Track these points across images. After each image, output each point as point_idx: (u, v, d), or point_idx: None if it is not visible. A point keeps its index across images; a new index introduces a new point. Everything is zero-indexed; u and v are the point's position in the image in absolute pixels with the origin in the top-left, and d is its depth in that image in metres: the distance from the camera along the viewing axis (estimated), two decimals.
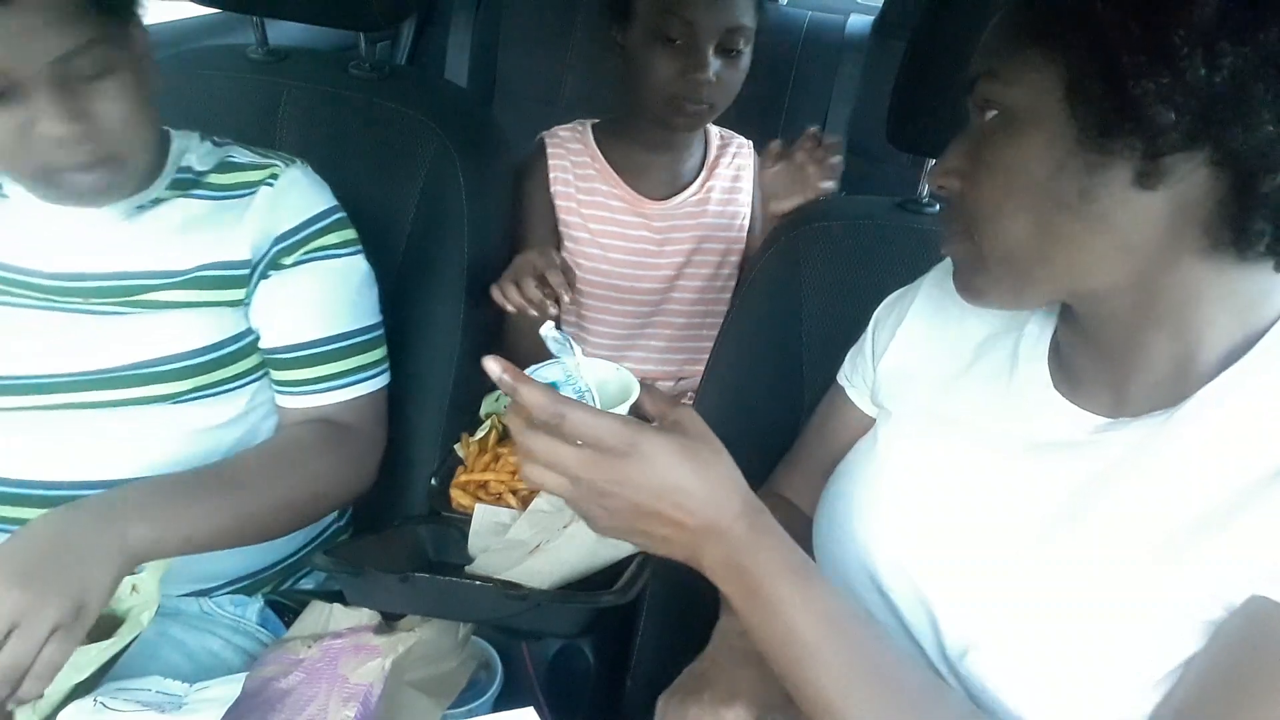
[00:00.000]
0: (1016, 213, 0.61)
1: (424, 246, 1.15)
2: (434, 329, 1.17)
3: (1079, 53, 0.56)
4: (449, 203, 1.18)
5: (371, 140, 1.19)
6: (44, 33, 0.79)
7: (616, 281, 1.40)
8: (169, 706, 0.74)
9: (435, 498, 1.12)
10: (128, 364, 0.92)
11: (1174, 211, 0.57)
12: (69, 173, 0.86)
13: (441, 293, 1.18)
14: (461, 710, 0.83)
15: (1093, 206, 0.58)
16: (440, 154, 1.18)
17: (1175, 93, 0.52)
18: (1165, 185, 0.55)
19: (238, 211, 0.98)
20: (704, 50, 1.23)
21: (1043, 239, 0.61)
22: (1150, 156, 0.55)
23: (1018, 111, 0.60)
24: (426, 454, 1.17)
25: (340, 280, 1.04)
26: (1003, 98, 0.61)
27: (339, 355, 1.03)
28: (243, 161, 1.02)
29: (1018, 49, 0.60)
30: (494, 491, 1.12)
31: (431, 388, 1.17)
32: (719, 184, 1.44)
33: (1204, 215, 0.56)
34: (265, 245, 0.99)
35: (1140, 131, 0.54)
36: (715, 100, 1.29)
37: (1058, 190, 0.58)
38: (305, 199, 1.02)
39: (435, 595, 0.85)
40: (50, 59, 0.80)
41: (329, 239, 1.03)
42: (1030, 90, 0.59)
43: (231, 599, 1.00)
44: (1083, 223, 0.59)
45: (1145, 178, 0.55)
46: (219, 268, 0.97)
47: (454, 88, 1.55)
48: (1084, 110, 0.56)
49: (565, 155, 1.39)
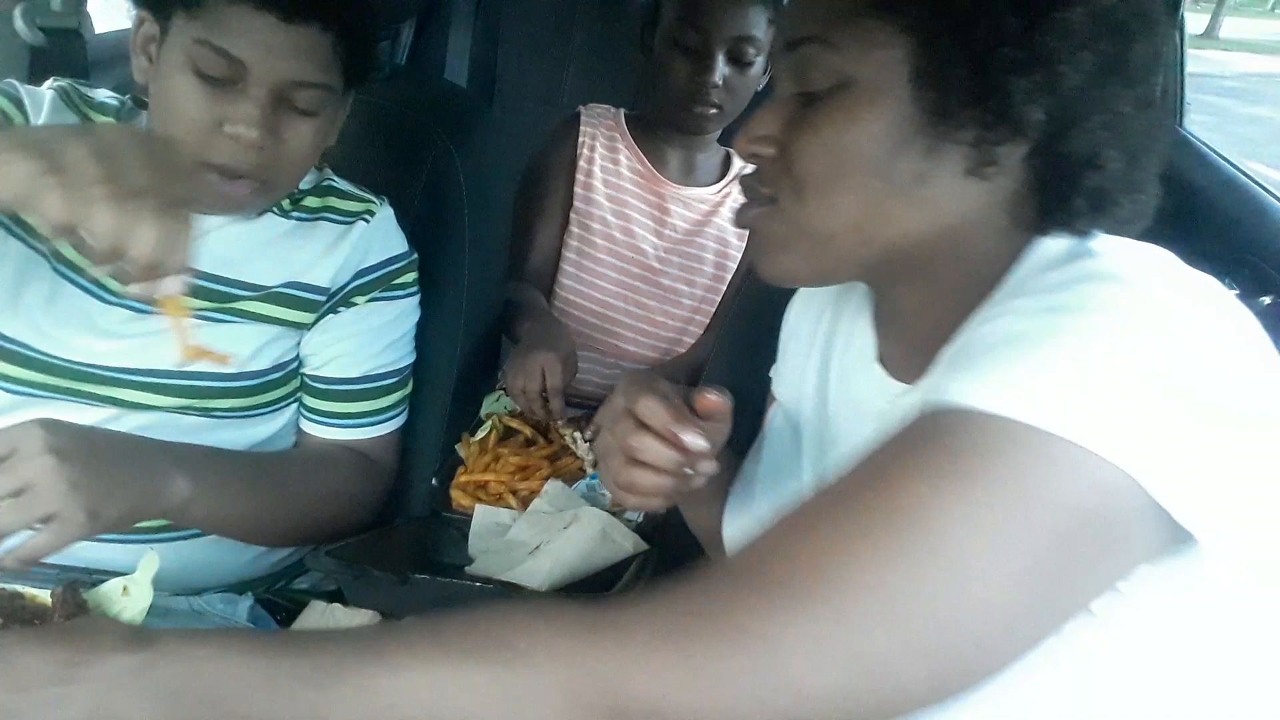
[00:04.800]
0: (846, 192, 0.58)
1: (424, 246, 1.15)
2: (434, 330, 1.16)
3: (938, 36, 0.54)
4: (449, 203, 1.18)
5: (372, 140, 1.19)
6: (299, 58, 0.86)
7: (619, 237, 1.49)
8: None
9: (435, 498, 1.12)
10: (182, 370, 0.93)
11: (993, 196, 0.58)
12: (223, 173, 0.88)
13: (442, 293, 1.18)
14: None
15: (925, 191, 0.57)
16: (440, 154, 1.18)
17: (1045, 92, 0.53)
18: (994, 174, 0.56)
19: (330, 239, 1.01)
20: (713, 56, 1.33)
21: (870, 220, 0.59)
22: (991, 144, 0.55)
23: (857, 85, 0.57)
24: (426, 454, 1.17)
25: (399, 320, 1.06)
26: (841, 68, 0.57)
27: (377, 394, 1.05)
28: (342, 189, 1.05)
29: (855, 17, 0.57)
30: (494, 492, 1.12)
31: (432, 388, 1.16)
32: (735, 194, 1.52)
33: (1019, 199, 0.58)
34: (346, 278, 1.01)
35: (995, 123, 0.54)
36: (724, 104, 1.39)
37: (893, 172, 0.57)
38: (391, 240, 1.06)
39: (435, 595, 0.85)
40: (287, 79, 0.86)
41: (401, 279, 1.05)
42: (873, 65, 0.56)
43: (222, 597, 1.00)
44: (914, 208, 0.58)
45: (980, 166, 0.56)
46: (301, 289, 0.99)
47: (454, 88, 1.56)
48: (933, 94, 0.55)
49: (597, 126, 1.51)
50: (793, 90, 0.61)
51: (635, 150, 1.49)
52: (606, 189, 1.48)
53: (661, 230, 1.49)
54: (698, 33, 1.33)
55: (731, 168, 1.54)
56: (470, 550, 0.98)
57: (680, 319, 1.50)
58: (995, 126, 0.54)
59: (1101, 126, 0.55)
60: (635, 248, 1.48)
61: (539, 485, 1.11)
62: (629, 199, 1.48)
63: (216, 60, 0.84)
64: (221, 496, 0.89)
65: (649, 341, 1.51)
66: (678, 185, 1.49)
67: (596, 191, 1.48)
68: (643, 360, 1.51)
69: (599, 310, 1.49)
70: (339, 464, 1.03)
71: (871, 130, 0.57)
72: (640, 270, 1.49)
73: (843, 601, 0.45)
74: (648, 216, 1.49)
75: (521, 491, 1.12)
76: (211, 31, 0.84)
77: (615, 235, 1.48)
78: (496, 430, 1.23)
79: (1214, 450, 0.46)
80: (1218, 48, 15.03)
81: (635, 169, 1.49)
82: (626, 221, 1.48)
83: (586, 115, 1.52)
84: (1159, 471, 0.45)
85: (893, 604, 0.44)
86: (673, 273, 1.48)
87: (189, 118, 0.86)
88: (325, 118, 0.92)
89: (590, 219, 1.48)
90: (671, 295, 1.49)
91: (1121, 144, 0.56)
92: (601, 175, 1.48)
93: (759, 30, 1.35)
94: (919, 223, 0.59)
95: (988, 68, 0.53)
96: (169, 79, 0.86)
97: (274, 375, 1.00)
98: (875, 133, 0.57)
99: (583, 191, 1.48)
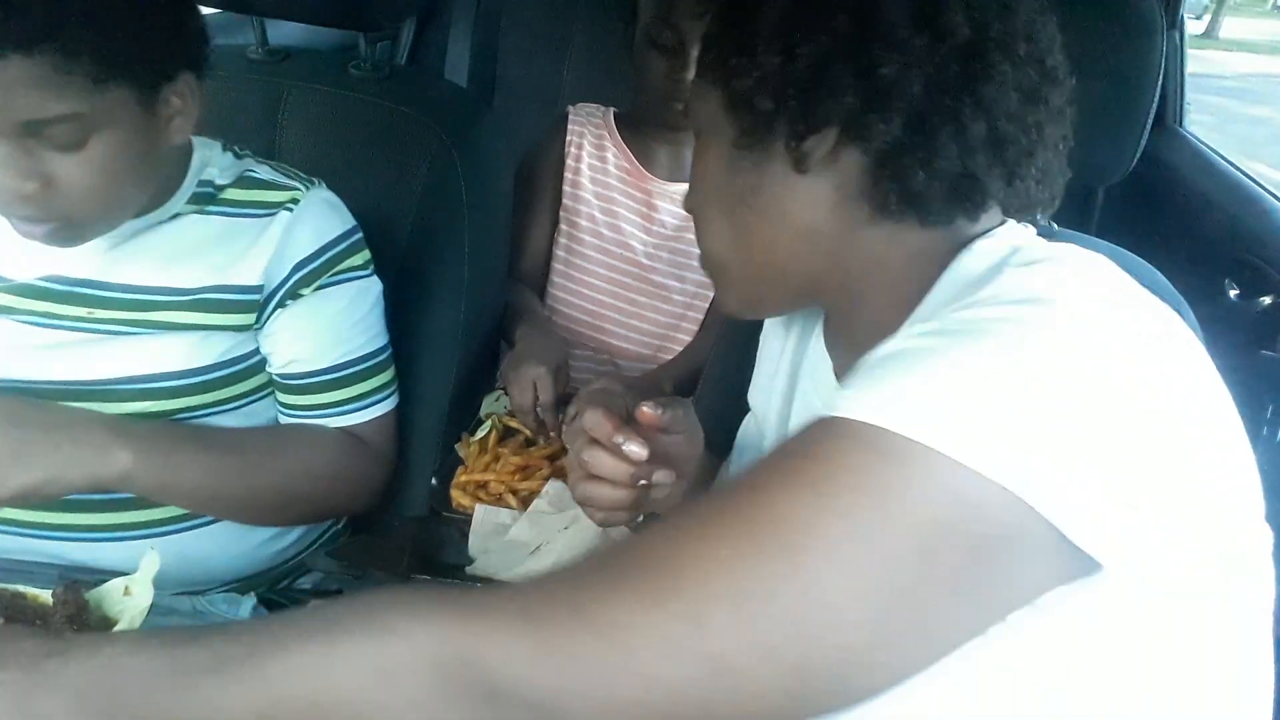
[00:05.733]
0: (714, 218, 0.67)
1: (424, 246, 1.15)
2: (434, 329, 1.17)
3: (718, 78, 0.63)
4: (449, 202, 1.18)
5: (372, 140, 1.19)
6: (15, 96, 0.75)
7: (607, 234, 1.49)
8: None
9: (435, 498, 1.12)
10: (123, 377, 0.92)
11: (834, 190, 0.61)
12: (17, 220, 0.84)
13: (442, 293, 1.18)
14: None
15: (763, 197, 0.63)
16: (440, 154, 1.18)
17: (767, 82, 0.59)
18: (816, 167, 0.60)
19: (253, 234, 0.96)
20: (688, 54, 1.31)
21: (736, 238, 0.66)
22: (792, 140, 0.60)
23: (702, 130, 0.67)
24: (426, 454, 1.16)
25: (354, 304, 1.02)
26: (694, 120, 0.68)
27: (350, 380, 1.02)
28: (264, 178, 0.99)
29: (697, 87, 0.67)
30: (494, 491, 1.12)
31: (432, 387, 1.16)
32: None
33: (856, 188, 0.61)
34: (284, 272, 0.97)
35: (763, 124, 0.60)
36: None
37: (734, 188, 0.64)
38: (325, 223, 1.00)
39: None
40: (17, 120, 0.76)
41: (346, 262, 1.01)
42: (704, 112, 0.65)
43: (225, 597, 0.99)
44: (761, 216, 0.64)
45: (797, 162, 0.60)
46: (226, 291, 0.95)
47: (454, 88, 1.56)
48: (737, 116, 0.62)
49: (585, 125, 1.51)
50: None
51: (622, 148, 1.49)
52: (594, 187, 1.48)
53: (650, 227, 1.48)
54: (673, 30, 1.32)
55: None
56: (470, 550, 0.98)
57: (672, 315, 1.50)
58: (791, 123, 0.59)
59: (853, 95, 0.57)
60: (624, 244, 1.48)
61: (539, 485, 1.11)
62: (616, 196, 1.48)
63: None
64: (169, 466, 0.88)
65: (641, 339, 1.51)
66: (665, 181, 1.48)
67: (584, 190, 1.48)
68: (636, 358, 1.51)
69: (590, 308, 1.49)
70: (320, 442, 1.01)
71: (710, 160, 0.66)
72: (629, 267, 1.48)
73: (696, 600, 0.45)
74: (635, 213, 1.49)
75: (521, 491, 1.12)
76: None
77: (603, 233, 1.48)
78: (496, 430, 1.23)
79: (1116, 469, 0.44)
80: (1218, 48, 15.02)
81: (622, 166, 1.49)
82: (614, 219, 1.48)
83: (574, 115, 1.52)
84: (1048, 490, 0.43)
85: (746, 608, 0.45)
86: (662, 269, 1.48)
87: None
88: (108, 140, 0.80)
89: (578, 217, 1.48)
90: (662, 292, 1.48)
91: (942, 123, 0.57)
92: (589, 174, 1.49)
93: None
94: (777, 229, 0.64)
95: (729, 78, 0.61)
96: None
97: (226, 370, 0.96)
98: (712, 160, 0.66)
99: (571, 190, 1.48)
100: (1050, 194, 0.63)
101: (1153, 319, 0.51)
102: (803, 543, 0.45)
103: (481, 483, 1.13)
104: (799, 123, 0.59)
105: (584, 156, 1.49)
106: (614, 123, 1.51)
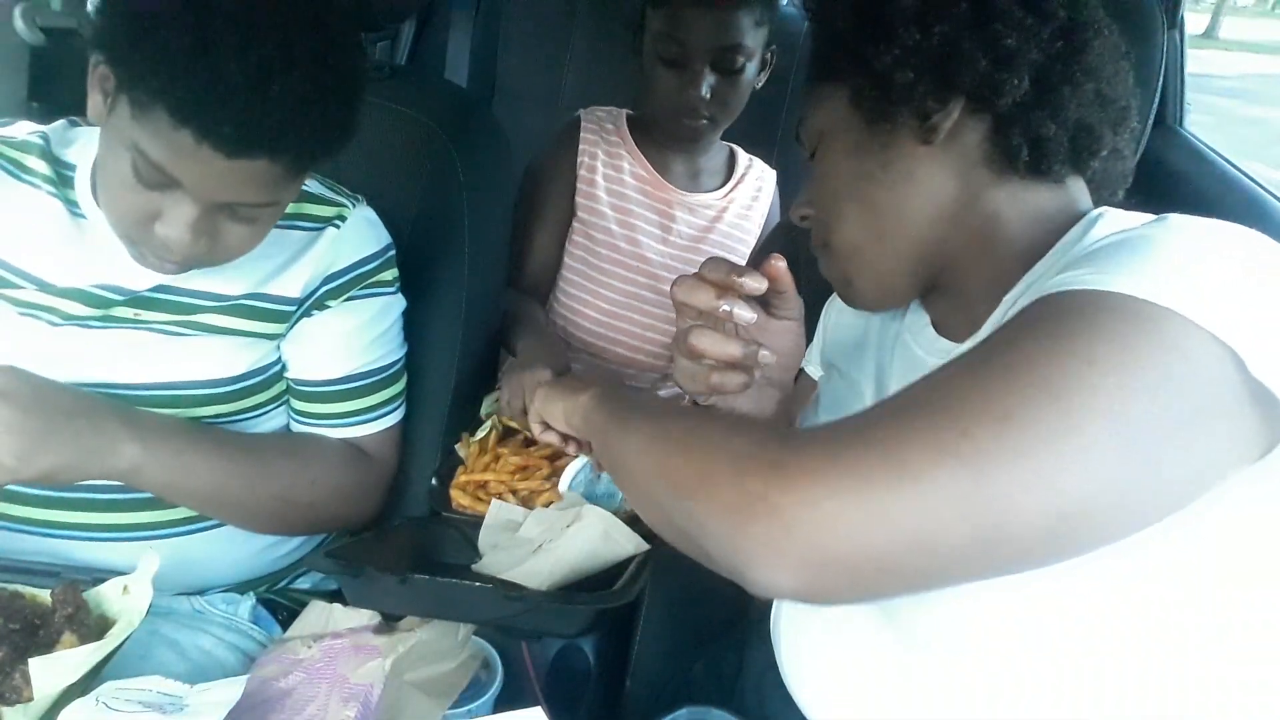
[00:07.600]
0: (846, 203, 0.74)
1: (424, 246, 1.15)
2: (434, 329, 1.17)
3: (849, 68, 0.72)
4: (449, 203, 1.18)
5: (372, 140, 1.18)
6: (246, 187, 0.81)
7: (624, 246, 1.46)
8: (170, 708, 0.74)
9: (435, 498, 1.12)
10: (159, 383, 0.93)
11: (958, 157, 0.70)
12: (157, 259, 0.86)
13: (442, 293, 1.18)
14: (462, 710, 0.83)
15: (892, 172, 0.71)
16: (440, 154, 1.17)
17: (907, 57, 0.68)
18: (942, 137, 0.69)
19: (299, 247, 0.98)
20: (698, 70, 1.30)
21: (870, 217, 0.72)
22: (921, 117, 0.69)
23: (825, 131, 0.75)
24: (426, 454, 1.16)
25: (378, 319, 1.04)
26: (814, 128, 0.76)
27: (364, 392, 1.04)
28: (314, 193, 1.01)
29: (813, 91, 0.77)
30: (494, 491, 1.12)
31: (431, 387, 1.16)
32: (740, 199, 1.52)
33: (980, 152, 0.70)
34: (315, 284, 0.99)
35: (900, 98, 0.68)
36: (714, 115, 1.37)
37: (863, 170, 0.72)
38: (364, 241, 1.02)
39: (434, 596, 0.85)
40: (226, 201, 0.82)
41: (376, 278, 1.03)
42: (827, 112, 0.75)
43: (224, 597, 1.00)
44: (891, 189, 0.71)
45: (925, 134, 0.69)
46: (266, 300, 0.97)
47: (454, 88, 1.55)
48: (863, 103, 0.71)
49: (599, 131, 1.48)
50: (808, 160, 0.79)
51: (639, 157, 1.47)
52: (610, 197, 1.46)
53: (667, 238, 1.46)
54: (681, 47, 1.30)
55: (737, 167, 1.52)
56: (480, 545, 0.98)
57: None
58: (901, 100, 0.69)
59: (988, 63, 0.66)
60: (640, 256, 1.46)
61: (539, 485, 1.11)
62: (634, 207, 1.46)
63: (151, 171, 0.79)
64: (177, 465, 0.89)
65: (654, 350, 1.49)
66: (683, 191, 1.47)
67: (600, 201, 1.45)
68: (647, 368, 1.49)
69: (603, 319, 1.47)
70: (324, 452, 1.02)
71: (839, 152, 0.74)
72: (645, 279, 1.46)
73: (979, 452, 0.48)
74: (653, 224, 1.46)
75: (521, 491, 1.11)
76: (151, 143, 0.77)
77: (620, 244, 1.45)
78: (496, 430, 1.23)
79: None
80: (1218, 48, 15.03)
81: (639, 175, 1.47)
82: (631, 230, 1.46)
83: (587, 119, 1.49)
84: (1267, 355, 0.48)
85: (1028, 460, 0.48)
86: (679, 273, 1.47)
87: (124, 203, 0.82)
88: (275, 213, 0.89)
89: (594, 228, 1.45)
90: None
91: (1060, 81, 0.67)
92: (605, 184, 1.46)
93: (746, 37, 1.32)
94: (907, 200, 0.71)
95: (868, 61, 0.69)
96: (111, 151, 0.81)
97: (254, 379, 0.98)
98: (842, 151, 0.74)
99: (586, 201, 1.46)
100: (1123, 170, 0.74)
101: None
102: (1076, 399, 0.48)
103: (481, 482, 1.13)
104: (931, 93, 0.68)
105: (599, 166, 1.46)
106: (628, 129, 1.49)
